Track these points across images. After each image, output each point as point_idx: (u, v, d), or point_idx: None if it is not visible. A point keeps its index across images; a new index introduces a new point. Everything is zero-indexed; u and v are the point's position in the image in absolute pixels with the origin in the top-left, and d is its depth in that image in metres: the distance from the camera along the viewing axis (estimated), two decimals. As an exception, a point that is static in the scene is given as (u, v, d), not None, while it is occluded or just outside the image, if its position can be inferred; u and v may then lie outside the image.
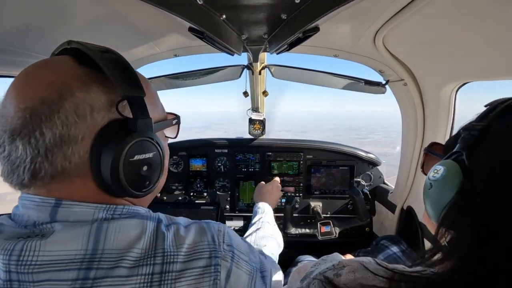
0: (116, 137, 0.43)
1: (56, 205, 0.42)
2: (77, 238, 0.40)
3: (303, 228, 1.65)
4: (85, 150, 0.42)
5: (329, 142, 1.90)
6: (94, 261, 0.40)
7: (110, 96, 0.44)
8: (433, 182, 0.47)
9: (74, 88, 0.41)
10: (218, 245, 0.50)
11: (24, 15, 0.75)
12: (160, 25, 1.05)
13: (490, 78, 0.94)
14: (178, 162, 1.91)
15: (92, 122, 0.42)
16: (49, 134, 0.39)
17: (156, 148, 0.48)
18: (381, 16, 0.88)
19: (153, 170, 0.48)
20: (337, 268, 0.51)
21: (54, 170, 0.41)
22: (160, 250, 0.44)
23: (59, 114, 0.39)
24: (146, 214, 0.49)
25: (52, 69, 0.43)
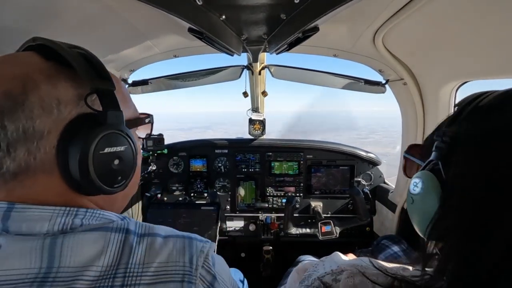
0: (84, 130, 0.40)
1: (8, 209, 0.38)
2: (29, 254, 0.36)
3: (303, 228, 1.65)
4: (51, 144, 0.39)
5: (329, 142, 1.90)
6: (47, 281, 0.36)
7: (78, 90, 0.42)
8: (414, 197, 0.46)
9: (39, 82, 0.39)
10: (195, 269, 0.43)
11: (19, 15, 0.75)
12: (159, 25, 1.05)
13: (490, 77, 0.94)
14: (178, 162, 1.91)
15: (58, 116, 0.39)
16: (11, 127, 0.36)
17: (127, 141, 0.46)
18: (380, 16, 0.88)
19: (125, 164, 0.46)
20: (336, 273, 0.51)
21: (16, 167, 0.38)
22: (122, 269, 0.39)
23: (23, 107, 0.37)
24: (111, 225, 0.43)
25: (16, 62, 0.41)
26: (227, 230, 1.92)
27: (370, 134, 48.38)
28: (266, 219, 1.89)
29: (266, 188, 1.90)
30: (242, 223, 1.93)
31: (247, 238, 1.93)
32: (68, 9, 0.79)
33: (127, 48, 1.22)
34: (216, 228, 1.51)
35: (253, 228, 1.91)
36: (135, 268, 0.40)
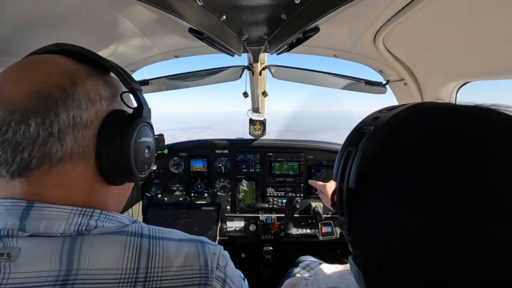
0: (124, 122, 0.47)
1: (27, 208, 0.39)
2: (48, 256, 0.37)
3: (304, 229, 1.65)
4: (93, 133, 0.44)
5: (329, 142, 1.90)
6: (67, 283, 0.36)
7: (112, 90, 0.48)
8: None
9: (84, 77, 0.44)
10: (211, 272, 0.45)
11: (22, 16, 0.75)
12: (160, 26, 1.05)
13: (491, 77, 0.94)
14: (179, 162, 1.91)
15: (100, 109, 0.45)
16: (64, 115, 0.40)
17: (153, 134, 0.54)
18: (381, 16, 0.88)
19: (151, 154, 0.53)
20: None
21: (63, 152, 0.41)
22: (143, 273, 0.40)
23: (73, 97, 0.41)
24: (126, 228, 0.44)
25: (57, 62, 0.44)
26: (227, 230, 1.92)
27: (371, 135, 48.24)
28: (267, 219, 1.89)
29: (267, 188, 1.90)
30: (242, 223, 1.93)
31: (248, 239, 1.93)
32: (68, 9, 0.79)
33: (128, 49, 1.22)
34: (216, 229, 1.51)
35: (254, 228, 1.91)
36: (155, 272, 0.41)
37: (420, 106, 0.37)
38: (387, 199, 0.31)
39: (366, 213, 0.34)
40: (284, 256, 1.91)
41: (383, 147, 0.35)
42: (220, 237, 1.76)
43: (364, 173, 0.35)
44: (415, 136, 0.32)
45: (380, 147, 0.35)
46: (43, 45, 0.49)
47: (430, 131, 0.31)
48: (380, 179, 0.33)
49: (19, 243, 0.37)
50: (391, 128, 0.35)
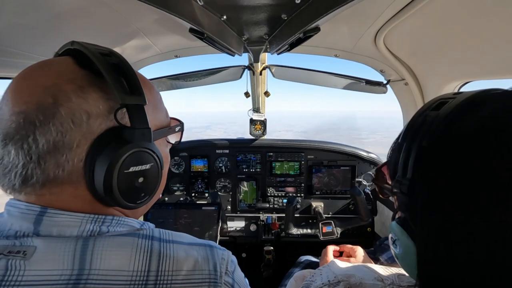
0: (111, 147, 0.40)
1: (40, 214, 0.40)
2: (62, 256, 0.38)
3: (304, 229, 1.65)
4: (79, 158, 0.40)
5: (330, 142, 1.89)
6: (80, 283, 0.37)
7: (109, 103, 0.42)
8: (397, 255, 0.45)
9: (71, 93, 0.39)
10: (220, 277, 0.45)
11: (22, 16, 0.75)
12: (160, 26, 1.05)
13: (492, 77, 0.94)
14: (179, 162, 1.91)
15: (88, 130, 0.40)
16: (42, 140, 0.37)
17: (153, 159, 0.45)
18: (381, 16, 0.88)
19: (149, 182, 0.46)
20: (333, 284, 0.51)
21: (45, 177, 0.39)
22: (153, 276, 0.40)
23: (54, 120, 0.38)
24: (138, 231, 0.45)
25: (49, 71, 0.41)
26: (228, 230, 1.92)
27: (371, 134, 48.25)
28: (267, 219, 1.89)
29: (267, 188, 1.90)
30: (243, 223, 1.93)
31: (248, 239, 1.93)
32: (69, 9, 0.79)
33: (128, 49, 1.22)
34: (217, 228, 1.51)
35: (254, 228, 1.91)
36: (165, 275, 0.41)
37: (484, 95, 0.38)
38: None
39: (437, 175, 0.37)
40: (285, 256, 1.91)
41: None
42: (220, 237, 1.76)
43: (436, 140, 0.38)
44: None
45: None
46: (42, 44, 0.48)
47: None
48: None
49: (34, 242, 0.39)
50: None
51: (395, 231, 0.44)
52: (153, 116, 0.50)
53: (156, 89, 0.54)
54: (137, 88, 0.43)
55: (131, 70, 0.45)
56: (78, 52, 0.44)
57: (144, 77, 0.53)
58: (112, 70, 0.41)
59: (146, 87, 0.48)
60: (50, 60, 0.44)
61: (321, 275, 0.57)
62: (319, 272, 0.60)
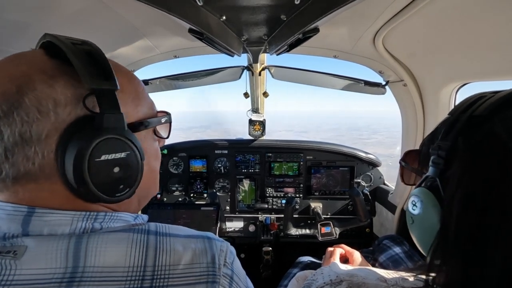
0: (80, 136, 0.38)
1: (28, 214, 0.38)
2: (54, 254, 0.36)
3: (303, 229, 1.65)
4: (50, 149, 0.37)
5: (329, 143, 1.90)
6: (74, 281, 0.36)
7: (78, 90, 0.39)
8: (414, 217, 0.45)
9: (37, 82, 0.37)
10: (218, 269, 0.44)
11: (22, 16, 0.75)
12: (160, 26, 1.05)
13: (490, 78, 0.94)
14: (178, 163, 1.91)
15: (56, 119, 0.37)
16: (7, 132, 0.35)
17: (130, 147, 0.42)
18: (380, 17, 0.89)
19: (127, 172, 0.43)
20: (334, 283, 0.51)
21: (16, 172, 0.37)
22: (150, 271, 0.39)
23: (18, 110, 0.35)
24: (134, 226, 0.43)
25: (18, 62, 0.39)
26: (226, 230, 1.92)
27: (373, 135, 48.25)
28: (266, 220, 1.89)
29: (266, 189, 1.90)
30: (241, 223, 1.93)
31: (247, 239, 1.93)
32: (68, 8, 0.79)
33: (128, 49, 1.22)
34: (215, 229, 1.51)
35: (253, 229, 1.91)
36: (162, 270, 0.40)
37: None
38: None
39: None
40: (283, 257, 1.91)
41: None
42: (219, 237, 1.76)
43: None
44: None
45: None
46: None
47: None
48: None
49: (25, 242, 0.37)
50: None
51: (418, 194, 0.44)
52: (134, 107, 0.47)
53: (139, 82, 0.52)
54: (107, 73, 0.40)
55: (103, 56, 0.42)
56: (50, 44, 0.42)
57: (124, 68, 0.51)
58: (81, 56, 0.39)
59: (125, 76, 0.47)
60: (21, 52, 0.42)
61: (323, 274, 0.57)
62: (320, 271, 0.60)
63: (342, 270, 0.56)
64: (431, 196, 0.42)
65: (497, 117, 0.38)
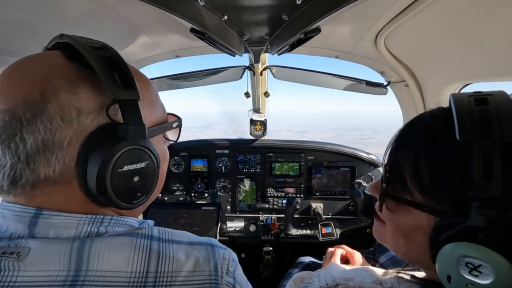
0: (104, 145, 0.38)
1: (36, 215, 0.38)
2: (57, 257, 0.37)
3: (304, 229, 1.65)
4: (71, 157, 0.38)
5: (330, 143, 1.89)
6: (76, 284, 0.36)
7: (101, 98, 0.40)
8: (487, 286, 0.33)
9: (60, 89, 0.37)
10: (220, 277, 0.44)
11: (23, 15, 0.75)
12: (161, 26, 1.05)
13: (492, 79, 0.94)
14: (179, 162, 1.91)
15: (79, 127, 0.38)
16: (30, 139, 0.35)
17: (149, 157, 0.43)
18: (382, 17, 0.88)
19: (145, 181, 0.43)
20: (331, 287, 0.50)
21: (36, 178, 0.37)
22: (152, 277, 0.39)
23: (41, 117, 0.35)
24: (137, 230, 0.44)
25: (37, 66, 0.39)
26: (227, 230, 1.92)
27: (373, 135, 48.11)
28: (267, 220, 1.88)
29: (267, 189, 1.90)
30: (242, 223, 1.93)
31: (247, 239, 1.93)
32: (70, 8, 0.79)
33: (129, 48, 1.22)
34: (216, 229, 1.51)
35: (254, 229, 1.91)
36: (165, 276, 0.40)
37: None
38: None
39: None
40: (284, 257, 1.90)
41: None
42: (220, 237, 1.76)
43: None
44: None
45: None
46: (45, 44, 0.46)
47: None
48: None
49: (29, 243, 0.37)
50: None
51: (476, 254, 0.33)
52: (149, 112, 0.48)
53: (152, 85, 0.52)
54: (130, 83, 0.41)
55: (124, 64, 0.42)
56: (68, 45, 0.41)
57: (140, 72, 0.51)
58: (104, 64, 0.39)
59: (141, 82, 0.47)
60: (38, 54, 0.42)
61: (319, 277, 0.57)
62: (316, 274, 0.60)
63: (339, 273, 0.55)
64: (496, 254, 0.32)
65: None
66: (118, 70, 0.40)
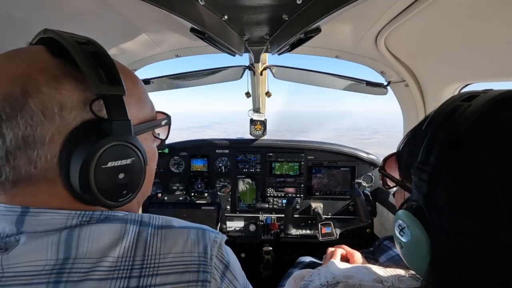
0: (87, 141, 0.37)
1: (22, 214, 0.37)
2: (45, 247, 0.36)
3: (304, 229, 1.65)
4: (53, 153, 0.37)
5: (330, 143, 1.89)
6: (64, 272, 0.35)
7: (85, 94, 0.38)
8: (402, 243, 0.44)
9: (41, 83, 0.36)
10: (210, 259, 0.43)
11: (23, 14, 0.75)
12: (161, 25, 1.05)
13: (493, 79, 0.94)
14: (179, 162, 1.91)
15: (61, 123, 0.37)
16: (9, 135, 0.34)
17: (135, 153, 0.42)
18: (382, 17, 0.88)
19: (131, 178, 0.42)
20: (331, 285, 0.50)
21: (17, 175, 0.36)
22: (139, 260, 0.39)
23: (22, 112, 0.34)
24: (126, 217, 0.43)
25: (19, 60, 0.37)
26: (227, 230, 1.92)
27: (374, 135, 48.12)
28: (267, 219, 1.89)
29: (267, 188, 1.90)
30: (242, 223, 1.93)
31: (247, 239, 1.93)
32: (70, 7, 0.79)
33: (130, 47, 1.22)
34: (216, 228, 1.51)
35: (253, 228, 1.91)
36: (152, 259, 0.40)
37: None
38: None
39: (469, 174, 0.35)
40: (284, 257, 1.91)
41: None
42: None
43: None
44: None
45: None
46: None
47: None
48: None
49: (18, 239, 0.37)
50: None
51: (404, 219, 0.42)
52: (137, 109, 0.47)
53: (140, 82, 0.51)
54: (115, 78, 0.40)
55: (109, 59, 0.41)
56: (52, 40, 0.40)
57: (127, 69, 0.50)
58: (88, 59, 0.38)
59: (128, 78, 0.46)
60: (21, 49, 0.41)
61: (319, 275, 0.57)
62: (317, 272, 0.60)
63: (339, 271, 0.55)
64: (418, 224, 0.40)
65: (476, 136, 0.36)
66: (102, 65, 0.40)
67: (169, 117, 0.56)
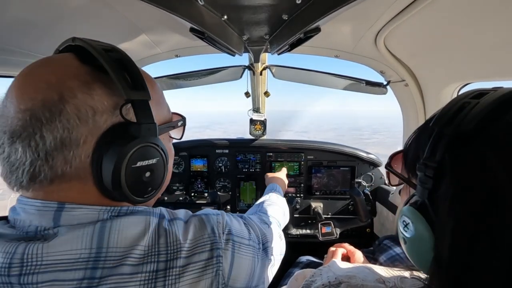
0: (118, 143, 0.41)
1: (59, 209, 0.41)
2: (81, 238, 0.40)
3: (304, 229, 1.65)
4: (86, 154, 0.41)
5: (329, 143, 1.90)
6: (99, 260, 0.40)
7: (113, 99, 0.43)
8: (406, 239, 0.44)
9: (76, 89, 0.40)
10: (218, 237, 0.50)
11: (24, 14, 0.76)
12: (161, 25, 1.05)
13: (492, 79, 0.94)
14: (179, 162, 1.91)
15: (94, 126, 0.41)
16: (49, 137, 0.38)
17: (159, 153, 0.47)
18: (382, 17, 0.88)
19: (155, 176, 0.47)
20: (333, 285, 0.50)
21: (53, 174, 0.40)
22: (164, 247, 0.44)
23: (60, 117, 0.38)
24: (149, 210, 0.48)
25: (53, 68, 0.41)
26: None
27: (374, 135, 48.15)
28: (266, 219, 1.89)
29: None
30: None
31: None
32: (70, 7, 0.79)
33: (129, 48, 1.22)
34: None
35: (253, 228, 1.91)
36: (174, 245, 0.45)
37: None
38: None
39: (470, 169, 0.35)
40: (284, 256, 1.91)
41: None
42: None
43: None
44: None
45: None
46: (43, 43, 0.48)
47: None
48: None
49: (56, 231, 0.40)
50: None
51: (409, 215, 0.42)
52: (157, 112, 0.50)
53: (158, 85, 0.55)
54: (141, 84, 0.44)
55: (134, 65, 0.45)
56: (80, 48, 0.44)
57: (147, 73, 0.54)
58: (116, 66, 0.42)
59: (149, 83, 0.49)
60: (53, 56, 0.45)
61: (321, 275, 0.56)
62: (319, 272, 0.60)
63: (341, 271, 0.55)
64: (422, 220, 0.40)
65: (483, 134, 0.35)
66: (128, 72, 0.43)
67: (184, 118, 0.62)
